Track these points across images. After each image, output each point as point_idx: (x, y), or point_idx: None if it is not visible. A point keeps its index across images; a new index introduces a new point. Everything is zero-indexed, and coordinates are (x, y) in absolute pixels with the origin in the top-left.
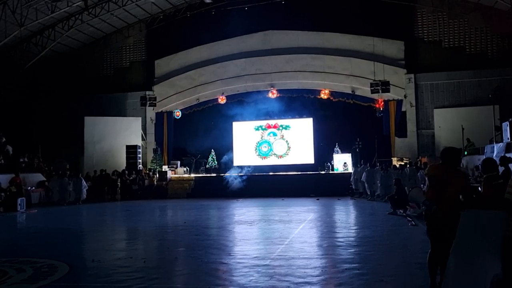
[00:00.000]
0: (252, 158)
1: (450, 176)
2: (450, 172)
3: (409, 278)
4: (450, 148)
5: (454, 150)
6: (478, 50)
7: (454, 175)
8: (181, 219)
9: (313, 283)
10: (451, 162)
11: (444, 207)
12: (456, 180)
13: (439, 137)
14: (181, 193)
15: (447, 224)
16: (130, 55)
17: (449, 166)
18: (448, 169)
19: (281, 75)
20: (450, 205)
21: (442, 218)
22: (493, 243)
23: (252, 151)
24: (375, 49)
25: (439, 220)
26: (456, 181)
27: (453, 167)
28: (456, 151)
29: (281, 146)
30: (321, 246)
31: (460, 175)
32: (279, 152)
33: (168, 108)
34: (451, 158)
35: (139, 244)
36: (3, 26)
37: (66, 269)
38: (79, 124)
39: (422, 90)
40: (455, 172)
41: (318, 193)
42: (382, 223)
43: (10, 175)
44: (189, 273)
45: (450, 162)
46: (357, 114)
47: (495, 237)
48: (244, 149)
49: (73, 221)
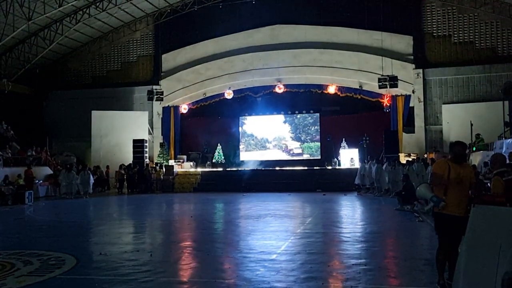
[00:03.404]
0: (259, 153)
1: (456, 171)
2: (456, 167)
3: (416, 274)
4: (456, 142)
5: (460, 144)
6: (488, 45)
7: (461, 170)
8: (187, 213)
9: (319, 278)
10: (457, 157)
11: (452, 203)
12: (463, 176)
13: (447, 132)
14: (187, 187)
15: (454, 220)
16: (137, 49)
17: (456, 161)
18: (454, 164)
19: (288, 70)
20: (458, 201)
21: (450, 214)
22: (505, 239)
23: (259, 146)
24: (383, 44)
25: (447, 216)
26: (463, 176)
27: (459, 161)
28: (461, 145)
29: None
30: (328, 241)
31: (467, 169)
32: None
33: (175, 102)
34: (456, 152)
35: (146, 238)
36: (11, 20)
37: (73, 262)
38: (86, 118)
39: (430, 86)
40: (462, 167)
41: (324, 189)
42: (389, 218)
43: (17, 168)
44: (195, 267)
45: (456, 156)
46: (364, 109)
47: (507, 233)
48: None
49: (80, 214)
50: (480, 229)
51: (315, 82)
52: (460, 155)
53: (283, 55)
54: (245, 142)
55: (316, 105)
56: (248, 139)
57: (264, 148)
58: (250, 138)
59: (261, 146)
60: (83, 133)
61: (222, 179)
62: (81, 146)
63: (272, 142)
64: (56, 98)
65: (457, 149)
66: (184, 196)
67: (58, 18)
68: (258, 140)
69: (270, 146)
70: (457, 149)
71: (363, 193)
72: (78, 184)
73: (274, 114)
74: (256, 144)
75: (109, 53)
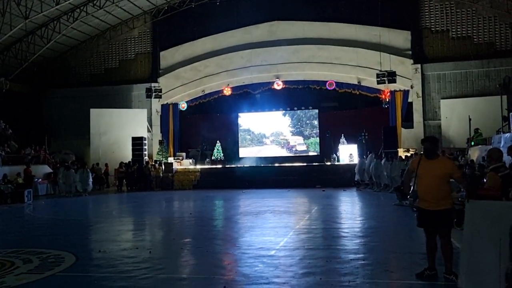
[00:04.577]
0: (257, 149)
1: (425, 166)
2: (426, 162)
3: (414, 268)
4: (425, 137)
5: (425, 139)
6: (486, 40)
7: (430, 165)
8: (187, 210)
9: (317, 273)
10: (426, 152)
11: (423, 198)
12: (432, 170)
13: (445, 127)
14: (187, 184)
15: (426, 214)
16: (135, 47)
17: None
18: (424, 160)
19: (287, 66)
20: (429, 195)
21: (422, 208)
22: (504, 233)
23: (257, 142)
24: (381, 39)
25: (420, 210)
26: (432, 171)
27: (428, 156)
28: (425, 140)
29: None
30: (326, 236)
31: (437, 165)
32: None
33: (174, 100)
34: (425, 148)
35: (145, 235)
36: (8, 19)
37: (72, 260)
38: (85, 116)
39: (428, 81)
40: (432, 162)
41: (324, 184)
42: (387, 214)
43: (16, 167)
44: (195, 264)
45: (425, 151)
46: (363, 105)
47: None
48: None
49: (80, 212)
50: (477, 224)
51: (314, 78)
52: (427, 150)
53: (281, 52)
54: (243, 139)
55: (315, 101)
56: (244, 134)
57: (262, 144)
58: (247, 133)
59: (258, 141)
60: (82, 131)
61: (222, 176)
62: (80, 144)
63: (269, 137)
64: (55, 96)
65: (425, 145)
66: (183, 194)
67: (55, 16)
68: (254, 135)
69: (267, 142)
70: (425, 145)
71: (362, 189)
72: (77, 182)
73: (273, 111)
74: (252, 139)
75: (107, 51)
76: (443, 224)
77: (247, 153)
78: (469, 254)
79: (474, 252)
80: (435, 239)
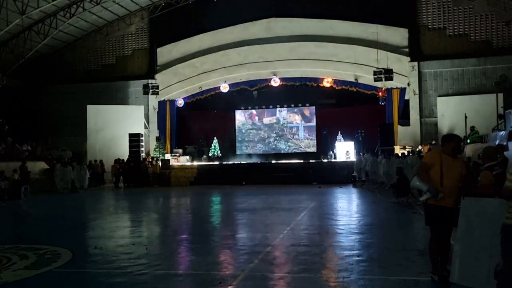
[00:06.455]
0: (254, 146)
1: (449, 164)
2: (449, 160)
3: (408, 264)
4: (449, 134)
5: (452, 137)
6: (482, 38)
7: (454, 163)
8: (183, 206)
9: (312, 269)
10: (450, 149)
11: (447, 196)
12: (456, 169)
13: (442, 125)
14: (184, 181)
15: (447, 212)
16: (132, 43)
17: (448, 153)
18: (447, 157)
19: (284, 63)
20: (452, 194)
21: (443, 206)
22: (495, 231)
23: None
24: (378, 37)
25: (440, 208)
26: (456, 170)
27: (452, 154)
28: (453, 138)
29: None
30: (322, 233)
31: (459, 163)
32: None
33: (171, 96)
34: (449, 145)
35: (142, 231)
36: (4, 14)
37: (69, 256)
38: (82, 112)
39: (425, 78)
40: (454, 160)
41: (320, 181)
42: (383, 211)
43: (13, 163)
44: (190, 260)
45: (448, 149)
46: (360, 102)
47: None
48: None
49: (76, 209)
50: (471, 221)
51: (311, 75)
52: (452, 148)
53: (279, 49)
54: (240, 135)
55: (312, 98)
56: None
57: (259, 140)
58: (243, 129)
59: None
60: (78, 127)
61: (219, 173)
62: (77, 141)
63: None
64: (51, 92)
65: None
66: (180, 190)
67: (52, 12)
68: (251, 132)
69: (264, 138)
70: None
71: (359, 186)
72: (74, 179)
73: (270, 108)
74: (249, 136)
75: (104, 47)
76: (456, 221)
77: (244, 150)
78: (462, 249)
79: (467, 248)
80: (449, 239)
